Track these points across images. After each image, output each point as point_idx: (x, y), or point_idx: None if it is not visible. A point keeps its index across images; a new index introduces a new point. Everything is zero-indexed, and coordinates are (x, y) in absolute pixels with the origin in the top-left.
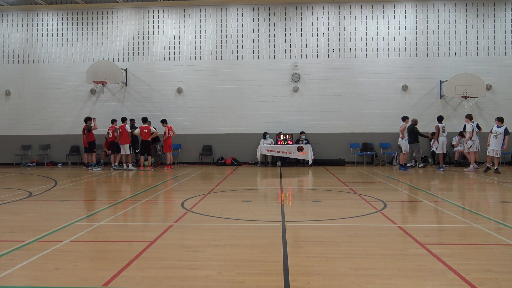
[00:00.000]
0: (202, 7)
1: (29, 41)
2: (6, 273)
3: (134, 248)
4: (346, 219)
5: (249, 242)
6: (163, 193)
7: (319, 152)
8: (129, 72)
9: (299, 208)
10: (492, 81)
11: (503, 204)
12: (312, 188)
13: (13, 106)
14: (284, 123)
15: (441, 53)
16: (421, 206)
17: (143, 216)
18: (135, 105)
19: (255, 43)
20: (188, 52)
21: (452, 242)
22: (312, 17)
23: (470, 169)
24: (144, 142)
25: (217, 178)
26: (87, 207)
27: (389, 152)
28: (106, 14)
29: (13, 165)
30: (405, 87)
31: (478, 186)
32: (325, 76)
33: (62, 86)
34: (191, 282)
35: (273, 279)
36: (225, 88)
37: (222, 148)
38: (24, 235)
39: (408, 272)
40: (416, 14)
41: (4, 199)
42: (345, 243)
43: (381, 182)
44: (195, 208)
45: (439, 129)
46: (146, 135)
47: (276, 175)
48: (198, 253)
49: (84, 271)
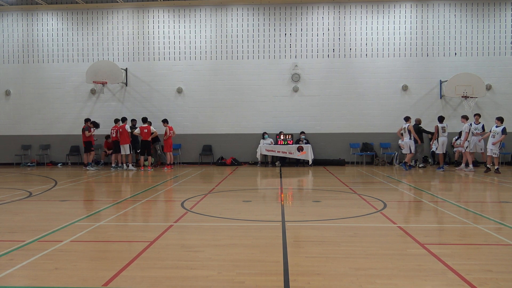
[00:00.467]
0: (202, 7)
1: (29, 41)
2: (6, 273)
3: (134, 248)
4: (346, 219)
5: (249, 242)
6: (163, 193)
7: (319, 152)
8: (129, 72)
9: (299, 208)
10: (492, 81)
11: (503, 204)
12: (312, 188)
13: (13, 106)
14: (284, 123)
15: (441, 53)
16: (421, 206)
17: (143, 216)
18: (135, 105)
19: (255, 43)
20: (188, 52)
21: (452, 242)
22: (312, 17)
23: (461, 168)
24: (144, 142)
25: (217, 178)
26: (87, 207)
27: (389, 152)
28: (106, 14)
29: (13, 165)
30: (405, 87)
31: (478, 186)
32: (325, 76)
33: (62, 86)
34: (191, 282)
35: (273, 279)
36: (225, 88)
37: (222, 148)
38: (24, 235)
39: (408, 272)
40: (416, 14)
41: (4, 199)
42: (345, 243)
43: (381, 182)
44: (195, 208)
45: (439, 129)
46: (146, 135)
47: (276, 175)
48: (198, 253)
49: (84, 271)
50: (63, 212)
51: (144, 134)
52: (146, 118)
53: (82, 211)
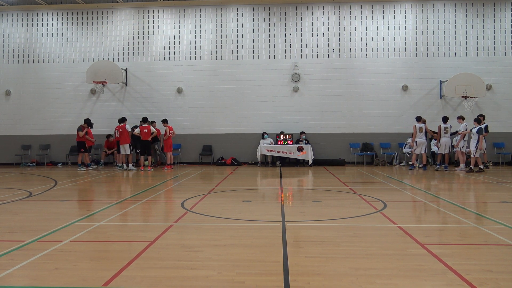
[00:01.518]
0: (202, 7)
1: (29, 41)
2: (6, 273)
3: (134, 248)
4: (346, 219)
5: (249, 242)
6: (163, 193)
7: (319, 152)
8: (129, 72)
9: (299, 208)
10: (492, 81)
11: (503, 204)
12: (312, 188)
13: (13, 106)
14: (284, 123)
15: (441, 53)
16: (421, 206)
17: (143, 216)
18: (135, 105)
19: (255, 43)
20: (188, 52)
21: (452, 242)
22: (312, 17)
23: (460, 168)
24: (144, 142)
25: (217, 178)
26: (87, 207)
27: (389, 152)
28: (106, 14)
29: (13, 165)
30: (405, 87)
31: (478, 186)
32: (325, 76)
33: (62, 86)
34: (191, 282)
35: (273, 279)
36: (225, 88)
37: (222, 148)
38: (24, 235)
39: (408, 272)
40: (416, 14)
41: (4, 199)
42: (345, 243)
43: (381, 182)
44: (195, 208)
45: (441, 129)
46: (146, 135)
47: (276, 175)
48: (198, 253)
49: (84, 271)
50: (63, 212)
51: (144, 134)
52: (146, 118)
53: (82, 211)
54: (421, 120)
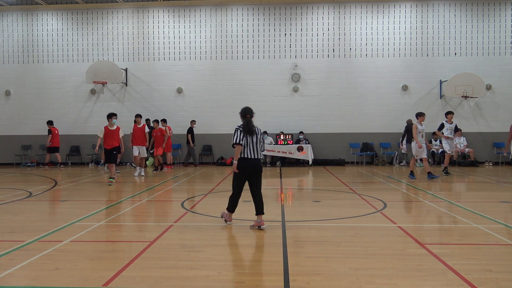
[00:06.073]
0: (202, 7)
1: (29, 41)
2: (6, 273)
3: (134, 248)
4: (346, 219)
5: (249, 242)
6: (163, 193)
7: (319, 152)
8: (129, 72)
9: (299, 208)
10: (492, 81)
11: (503, 204)
12: (312, 188)
13: (13, 106)
14: (284, 123)
15: (441, 53)
16: (421, 206)
17: (143, 216)
18: (135, 105)
19: (255, 43)
20: (188, 52)
21: (452, 242)
22: (312, 17)
23: None
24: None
25: (217, 178)
26: (87, 207)
27: (389, 152)
28: (106, 14)
29: (13, 165)
30: (405, 87)
31: (478, 186)
32: (325, 76)
33: (62, 86)
34: (191, 282)
35: (273, 279)
36: (225, 88)
37: (222, 148)
38: (24, 235)
39: (408, 272)
40: (416, 14)
41: (4, 199)
42: (345, 243)
43: (381, 182)
44: (195, 208)
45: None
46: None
47: (276, 175)
48: (198, 253)
49: (84, 271)
50: (63, 212)
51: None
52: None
53: (82, 211)
54: (421, 117)
